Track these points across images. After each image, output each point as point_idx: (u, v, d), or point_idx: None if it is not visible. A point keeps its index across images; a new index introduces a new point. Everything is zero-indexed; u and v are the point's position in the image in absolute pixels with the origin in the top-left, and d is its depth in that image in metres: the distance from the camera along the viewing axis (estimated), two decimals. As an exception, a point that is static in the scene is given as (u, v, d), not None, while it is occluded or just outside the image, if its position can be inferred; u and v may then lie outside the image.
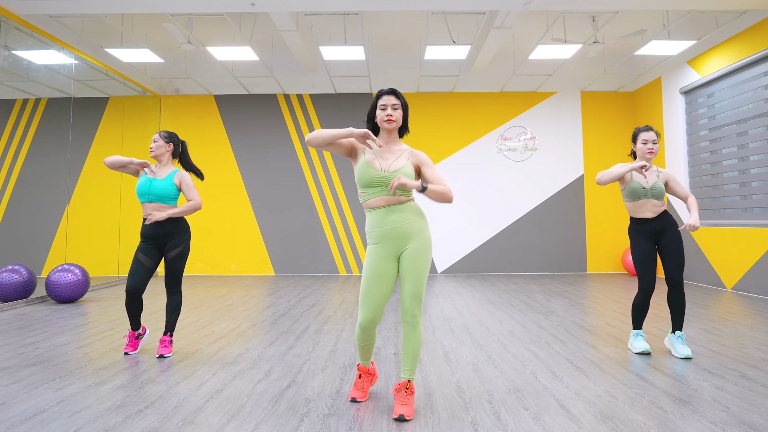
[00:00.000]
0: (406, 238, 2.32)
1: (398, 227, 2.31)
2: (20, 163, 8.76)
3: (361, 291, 2.35)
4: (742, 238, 6.14)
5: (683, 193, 3.35)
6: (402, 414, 2.24)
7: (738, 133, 6.29)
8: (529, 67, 7.55)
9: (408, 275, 2.30)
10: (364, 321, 2.34)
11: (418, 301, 2.30)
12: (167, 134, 3.47)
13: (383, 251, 2.33)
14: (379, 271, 2.31)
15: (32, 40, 6.27)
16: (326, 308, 5.18)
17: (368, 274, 2.32)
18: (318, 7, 5.35)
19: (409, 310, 2.30)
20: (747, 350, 3.40)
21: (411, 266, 2.30)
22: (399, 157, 2.37)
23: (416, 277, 2.29)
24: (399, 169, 2.32)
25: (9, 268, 5.53)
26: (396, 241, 2.32)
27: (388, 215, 2.32)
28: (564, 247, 8.62)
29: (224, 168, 8.75)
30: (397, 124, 2.38)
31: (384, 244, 2.33)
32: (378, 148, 2.38)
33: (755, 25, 5.88)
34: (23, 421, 2.25)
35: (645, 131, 3.33)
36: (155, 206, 3.33)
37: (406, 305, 2.31)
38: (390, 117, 2.35)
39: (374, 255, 2.33)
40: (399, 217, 2.32)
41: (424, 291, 2.35)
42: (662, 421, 2.22)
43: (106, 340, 3.79)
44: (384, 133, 2.41)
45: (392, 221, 2.31)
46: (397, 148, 2.41)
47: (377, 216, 2.34)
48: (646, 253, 3.28)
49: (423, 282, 2.31)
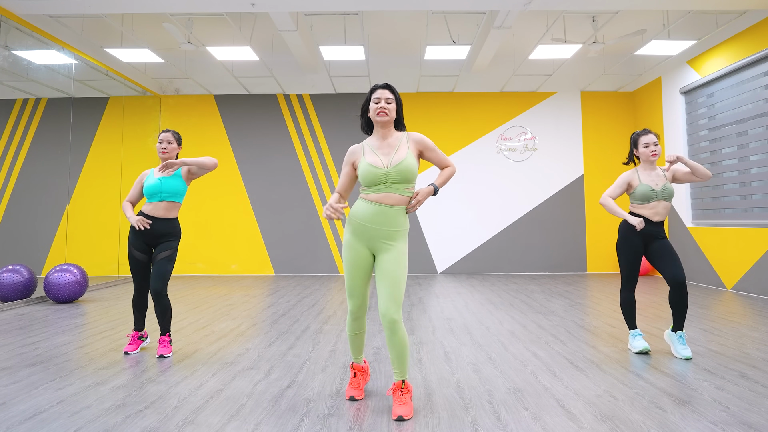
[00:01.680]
0: (380, 241, 2.33)
1: (379, 230, 2.32)
2: (20, 163, 8.76)
3: (347, 282, 2.42)
4: (742, 238, 6.14)
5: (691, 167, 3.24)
6: (400, 414, 2.24)
7: (738, 133, 6.29)
8: (529, 67, 7.55)
9: (383, 279, 2.29)
10: (354, 308, 2.43)
11: (396, 305, 2.28)
12: (178, 136, 3.48)
13: (357, 242, 2.37)
14: (359, 262, 2.37)
15: (32, 40, 6.27)
16: (326, 308, 5.18)
17: (350, 266, 2.38)
18: (318, 7, 5.35)
19: (387, 315, 2.26)
20: (747, 350, 3.40)
21: (386, 271, 2.29)
22: (398, 148, 2.36)
23: (392, 281, 2.28)
24: (401, 161, 2.32)
25: (10, 268, 5.53)
26: (370, 240, 2.34)
27: (378, 214, 2.31)
28: (564, 247, 8.61)
29: (224, 168, 8.74)
30: (389, 118, 2.37)
31: (358, 236, 2.36)
32: (372, 143, 2.40)
33: (755, 25, 5.88)
34: (23, 421, 2.25)
35: (644, 135, 3.33)
36: (166, 205, 3.33)
37: (384, 309, 2.28)
38: (383, 109, 2.34)
39: (351, 246, 2.38)
40: (384, 220, 2.31)
41: (403, 294, 2.34)
42: (662, 421, 2.22)
43: (106, 340, 3.79)
44: (377, 127, 2.41)
45: (378, 221, 2.31)
46: (394, 141, 2.40)
47: (367, 209, 2.33)
48: (637, 250, 3.32)
49: (400, 285, 2.30)
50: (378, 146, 2.39)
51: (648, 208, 3.31)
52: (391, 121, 2.39)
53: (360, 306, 2.43)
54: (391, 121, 2.40)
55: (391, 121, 2.40)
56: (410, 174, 2.33)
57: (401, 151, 2.35)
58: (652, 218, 3.31)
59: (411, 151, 2.37)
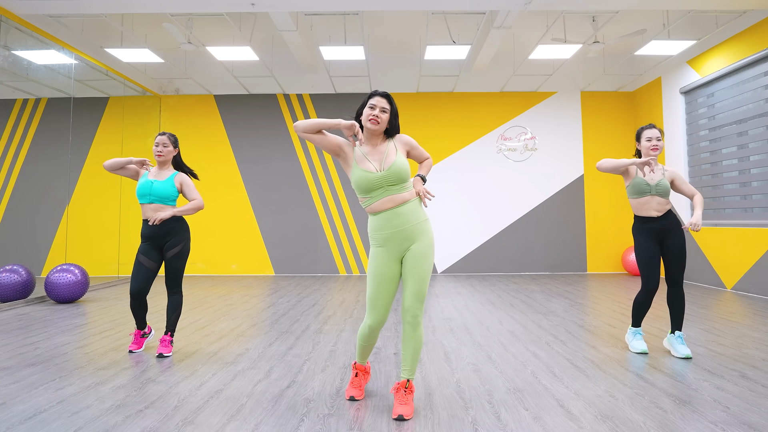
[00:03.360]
0: (409, 240, 2.32)
1: (403, 230, 2.31)
2: (20, 163, 8.75)
3: (369, 294, 2.36)
4: (742, 238, 6.14)
5: (689, 191, 3.32)
6: (401, 414, 2.24)
7: (738, 133, 6.29)
8: (529, 67, 7.55)
9: (411, 275, 2.30)
10: (374, 322, 2.36)
11: (420, 302, 2.30)
12: (174, 138, 3.48)
13: (387, 254, 2.33)
14: (385, 274, 2.32)
15: (32, 40, 6.27)
16: (326, 308, 5.18)
17: (375, 278, 2.33)
18: (318, 7, 5.35)
19: (411, 310, 2.29)
20: (747, 350, 3.40)
21: (414, 267, 2.30)
22: (388, 153, 2.37)
23: (420, 277, 2.29)
24: (393, 163, 2.32)
25: (8, 269, 5.53)
26: (400, 243, 2.32)
27: (393, 218, 2.31)
28: (564, 247, 8.61)
29: (224, 168, 8.75)
30: (379, 128, 2.35)
31: (388, 247, 2.33)
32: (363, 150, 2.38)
33: (755, 25, 5.88)
34: (23, 421, 2.25)
35: (648, 129, 3.33)
36: (156, 207, 3.34)
37: (408, 305, 2.30)
38: (375, 117, 2.33)
39: (379, 258, 2.33)
40: (403, 219, 2.31)
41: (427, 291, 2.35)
42: (662, 421, 2.22)
43: (106, 340, 3.79)
44: (367, 132, 2.39)
45: (397, 224, 2.31)
46: (383, 147, 2.40)
47: (382, 219, 2.33)
48: (651, 252, 3.26)
49: (426, 282, 2.32)
50: (369, 152, 2.38)
51: (641, 203, 3.31)
52: (382, 130, 2.38)
53: (381, 321, 2.37)
54: (382, 131, 2.39)
55: (382, 131, 2.39)
56: (404, 173, 2.33)
57: (391, 154, 2.36)
58: (650, 214, 3.29)
59: (400, 152, 2.39)
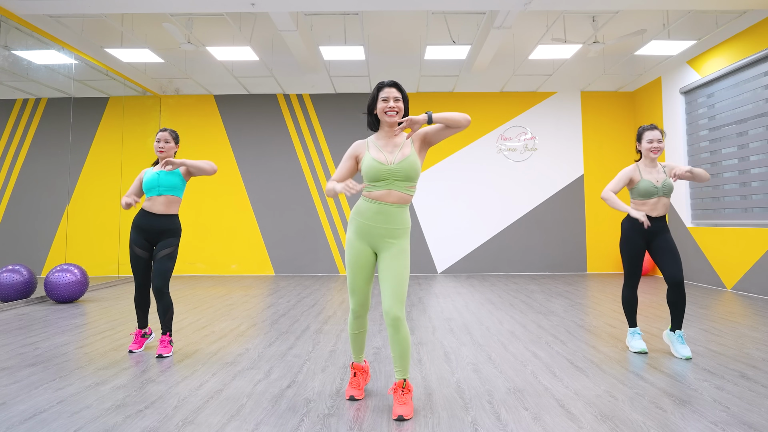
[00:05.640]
0: (386, 238, 2.34)
1: (384, 228, 2.33)
2: (20, 163, 8.75)
3: (348, 280, 2.44)
4: (742, 238, 6.14)
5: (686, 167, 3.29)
6: (401, 414, 2.24)
7: (738, 133, 6.29)
8: (529, 67, 7.55)
9: (387, 275, 2.31)
10: (356, 306, 2.45)
11: (399, 302, 2.29)
12: (176, 134, 3.49)
13: (362, 242, 2.38)
14: (361, 261, 2.38)
15: (32, 40, 6.27)
16: (326, 308, 5.18)
17: (351, 266, 2.40)
18: (318, 7, 5.35)
19: (390, 313, 2.27)
20: (747, 350, 3.40)
21: (389, 267, 2.31)
22: (403, 147, 2.37)
23: (396, 276, 2.30)
24: (405, 158, 2.33)
25: (9, 268, 5.53)
26: (376, 239, 2.35)
27: (380, 212, 2.32)
28: (564, 247, 8.61)
29: (224, 168, 8.74)
30: (399, 117, 2.37)
31: (364, 238, 2.37)
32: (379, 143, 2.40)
33: (755, 25, 5.88)
34: (23, 421, 2.25)
35: (650, 130, 3.33)
36: (165, 199, 3.34)
37: (387, 307, 2.29)
38: (392, 109, 2.34)
39: (354, 248, 2.39)
40: (388, 218, 2.32)
41: (406, 292, 2.35)
42: (662, 421, 2.22)
43: (106, 340, 3.79)
44: (385, 126, 2.40)
45: (380, 220, 2.32)
46: (399, 139, 2.41)
47: (370, 207, 2.34)
48: (639, 249, 3.33)
49: (404, 283, 2.31)
50: (384, 144, 2.39)
51: (649, 205, 3.31)
52: (401, 118, 2.38)
53: (362, 304, 2.45)
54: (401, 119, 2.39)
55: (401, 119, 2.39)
56: (413, 172, 2.33)
57: (406, 149, 2.36)
58: (651, 213, 3.31)
59: (415, 150, 2.39)
